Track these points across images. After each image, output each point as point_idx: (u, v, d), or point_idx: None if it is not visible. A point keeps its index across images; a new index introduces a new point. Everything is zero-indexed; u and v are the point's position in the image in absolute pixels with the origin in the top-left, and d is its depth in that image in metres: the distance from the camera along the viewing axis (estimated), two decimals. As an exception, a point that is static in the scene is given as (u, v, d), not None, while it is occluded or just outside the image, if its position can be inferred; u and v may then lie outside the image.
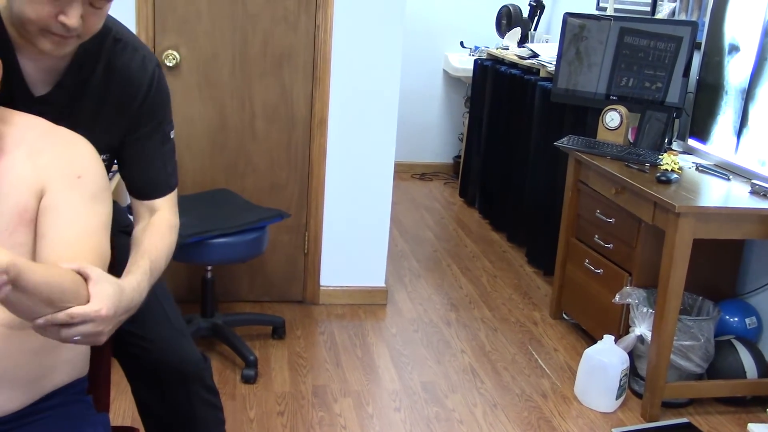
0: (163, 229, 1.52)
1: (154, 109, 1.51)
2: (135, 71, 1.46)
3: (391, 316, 3.47)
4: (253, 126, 3.29)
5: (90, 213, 1.29)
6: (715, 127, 3.10)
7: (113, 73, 1.44)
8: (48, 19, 1.24)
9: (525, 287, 3.90)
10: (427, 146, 6.04)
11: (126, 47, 1.46)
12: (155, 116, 1.52)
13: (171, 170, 1.58)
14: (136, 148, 1.51)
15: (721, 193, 2.80)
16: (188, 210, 2.88)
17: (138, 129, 1.50)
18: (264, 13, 3.18)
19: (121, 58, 1.45)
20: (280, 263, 3.46)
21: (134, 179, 1.54)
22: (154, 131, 1.53)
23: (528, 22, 5.11)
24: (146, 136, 1.51)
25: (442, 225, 4.84)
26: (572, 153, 3.28)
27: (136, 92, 1.47)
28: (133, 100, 1.47)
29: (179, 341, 1.73)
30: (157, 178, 1.55)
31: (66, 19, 1.24)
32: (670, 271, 2.59)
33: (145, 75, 1.48)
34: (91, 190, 1.31)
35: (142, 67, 1.47)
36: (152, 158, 1.54)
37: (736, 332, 2.91)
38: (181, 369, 1.73)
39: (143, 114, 1.49)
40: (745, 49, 2.94)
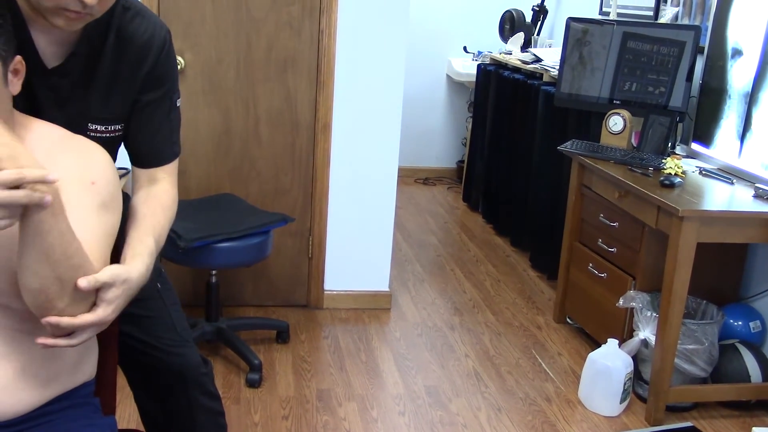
0: (166, 203, 1.51)
1: (164, 74, 1.52)
2: (146, 37, 1.47)
3: (395, 320, 3.48)
4: (257, 131, 3.30)
5: (97, 220, 1.29)
6: (718, 131, 3.10)
7: (124, 41, 1.44)
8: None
9: (529, 291, 3.90)
10: (431, 151, 6.05)
11: (136, 15, 1.47)
12: (164, 82, 1.53)
13: (176, 139, 1.59)
14: (144, 115, 1.51)
15: (724, 197, 2.80)
16: (193, 214, 2.90)
17: (147, 94, 1.50)
18: (268, 19, 3.19)
19: (131, 25, 1.45)
20: (284, 268, 3.46)
21: (139, 147, 1.53)
22: (163, 98, 1.54)
23: (531, 27, 5.12)
24: (155, 103, 1.52)
25: (445, 230, 4.85)
26: (576, 157, 3.28)
27: (146, 56, 1.47)
28: (144, 63, 1.47)
29: (182, 348, 1.74)
30: (162, 146, 1.56)
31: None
32: (674, 275, 2.59)
33: (155, 40, 1.48)
34: (102, 197, 1.31)
35: (152, 32, 1.48)
36: (159, 126, 1.54)
37: (740, 336, 2.91)
38: (182, 376, 1.74)
39: (153, 79, 1.50)
40: (749, 53, 2.94)
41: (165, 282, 1.76)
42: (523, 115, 4.33)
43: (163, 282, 1.75)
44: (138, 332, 1.68)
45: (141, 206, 1.47)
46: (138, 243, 1.36)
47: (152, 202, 1.48)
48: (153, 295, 1.71)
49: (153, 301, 1.71)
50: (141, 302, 1.67)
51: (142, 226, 1.41)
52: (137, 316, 1.66)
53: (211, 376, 1.84)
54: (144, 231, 1.40)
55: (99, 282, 1.20)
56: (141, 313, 1.68)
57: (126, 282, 1.26)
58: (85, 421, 1.36)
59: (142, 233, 1.39)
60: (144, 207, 1.46)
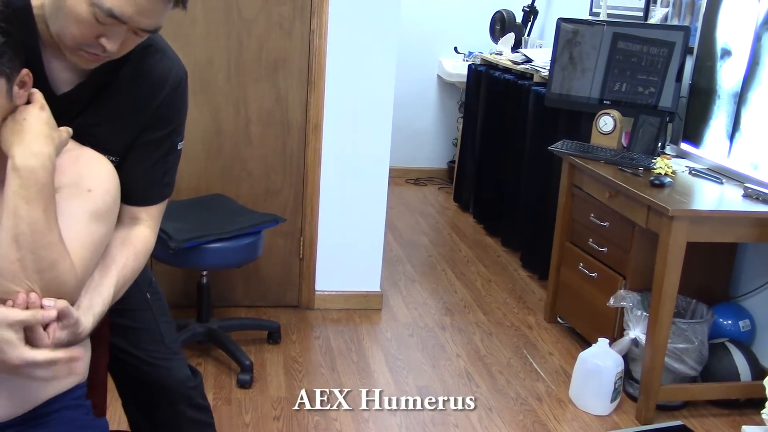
0: (141, 251, 1.46)
1: (171, 114, 1.48)
2: (160, 73, 1.44)
3: (387, 320, 3.48)
4: (248, 131, 3.30)
5: (86, 228, 1.28)
6: (707, 131, 3.12)
7: (139, 76, 1.41)
8: (89, 39, 1.24)
9: (520, 291, 3.91)
10: (422, 151, 6.06)
11: (156, 52, 1.44)
12: (170, 122, 1.49)
13: (168, 181, 1.54)
14: (141, 152, 1.47)
15: (714, 197, 2.82)
16: (183, 215, 2.89)
17: (150, 132, 1.46)
18: (259, 19, 3.19)
19: (149, 60, 1.42)
20: (276, 268, 3.46)
21: (128, 183, 1.46)
22: (165, 139, 1.49)
23: (522, 28, 5.13)
24: (155, 143, 1.48)
25: (436, 230, 4.85)
26: (566, 157, 3.29)
27: (158, 93, 1.44)
28: (154, 100, 1.44)
29: (169, 362, 1.73)
30: (152, 186, 1.51)
31: (107, 42, 1.24)
32: (664, 275, 2.61)
33: (170, 78, 1.45)
34: (96, 206, 1.30)
35: (168, 70, 1.45)
36: (153, 166, 1.50)
37: (729, 335, 2.93)
38: (170, 389, 1.73)
39: (160, 117, 1.46)
40: (737, 54, 2.96)
41: (155, 292, 1.74)
42: (514, 115, 4.34)
43: (153, 292, 1.73)
44: (125, 344, 1.67)
45: (115, 249, 1.41)
46: (97, 295, 1.32)
47: (127, 249, 1.42)
48: (142, 306, 1.70)
49: (142, 312, 1.70)
50: (129, 313, 1.67)
51: (108, 274, 1.36)
52: (125, 327, 1.65)
53: (200, 388, 1.81)
54: (108, 280, 1.35)
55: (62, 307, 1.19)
56: (129, 324, 1.67)
57: (74, 328, 1.22)
58: (78, 423, 1.35)
59: (106, 283, 1.35)
60: (117, 252, 1.41)
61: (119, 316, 1.62)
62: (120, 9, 1.20)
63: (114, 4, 1.19)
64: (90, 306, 1.29)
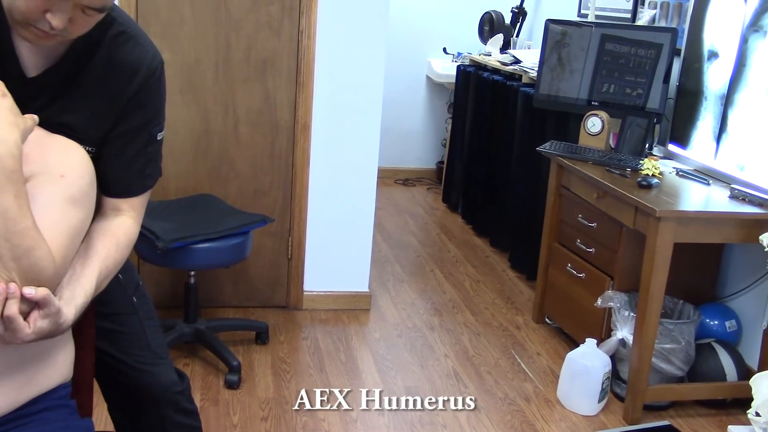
0: (123, 242, 1.44)
1: (147, 103, 1.45)
2: (134, 62, 1.41)
3: (375, 321, 3.48)
4: (236, 131, 3.29)
5: (62, 214, 1.27)
6: (695, 133, 3.13)
7: (111, 64, 1.39)
8: (35, 14, 1.22)
9: (508, 292, 3.91)
10: (411, 152, 6.06)
11: (129, 39, 1.41)
12: (146, 112, 1.46)
13: (150, 171, 1.52)
14: (118, 143, 1.44)
15: (701, 198, 2.83)
16: (171, 215, 2.88)
17: (125, 122, 1.43)
18: (248, 19, 3.18)
19: (122, 48, 1.40)
20: (264, 268, 3.45)
21: (108, 175, 1.45)
22: (141, 129, 1.47)
23: (510, 29, 5.14)
24: (131, 133, 1.45)
25: (425, 230, 4.86)
26: (554, 158, 3.30)
27: (130, 81, 1.41)
28: (127, 89, 1.41)
29: (156, 366, 1.71)
30: (132, 178, 1.49)
31: (53, 18, 1.22)
32: (651, 275, 2.62)
33: (143, 66, 1.42)
34: (71, 191, 1.29)
35: (142, 58, 1.42)
36: (132, 157, 1.47)
37: (716, 335, 2.94)
38: (155, 394, 1.71)
39: (134, 106, 1.43)
40: (724, 56, 2.98)
41: (142, 296, 1.73)
42: (503, 116, 4.35)
43: (140, 296, 1.72)
44: (111, 348, 1.65)
45: (96, 240, 1.39)
46: (78, 286, 1.30)
47: (109, 240, 1.41)
48: (128, 309, 1.68)
49: (128, 316, 1.68)
50: (115, 317, 1.65)
51: (90, 264, 1.35)
52: (111, 331, 1.64)
53: (186, 392, 1.80)
54: (90, 271, 1.34)
55: (43, 295, 1.18)
56: (115, 328, 1.65)
57: (56, 317, 1.22)
58: (62, 423, 1.34)
59: (88, 273, 1.33)
60: (99, 242, 1.39)
61: (105, 319, 1.61)
62: None
63: None
64: (72, 297, 1.28)
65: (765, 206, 2.65)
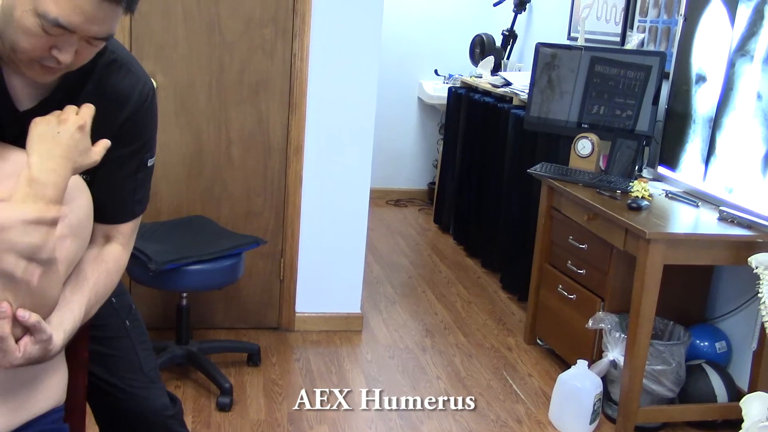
0: (113, 269, 1.45)
1: (138, 131, 1.46)
2: (125, 89, 1.42)
3: (367, 342, 3.48)
4: (229, 153, 3.30)
5: (58, 244, 1.26)
6: (683, 155, 3.16)
7: (103, 92, 1.39)
8: (41, 51, 1.22)
9: (499, 313, 3.92)
10: (402, 173, 6.08)
11: (121, 67, 1.41)
12: (137, 139, 1.46)
13: (139, 198, 1.52)
14: (109, 170, 1.43)
15: (690, 220, 2.86)
16: (164, 237, 2.89)
17: (117, 149, 1.42)
18: (241, 41, 3.20)
19: (113, 77, 1.40)
20: (256, 290, 3.45)
21: (98, 201, 1.43)
22: (132, 155, 1.47)
23: (501, 51, 5.19)
24: (122, 159, 1.45)
25: (417, 251, 4.87)
26: (545, 180, 3.33)
27: (122, 109, 1.42)
28: (118, 116, 1.42)
29: (147, 391, 1.71)
30: (122, 203, 1.49)
31: (59, 54, 1.22)
32: (641, 297, 2.63)
33: (134, 94, 1.43)
34: (68, 220, 1.29)
35: (133, 86, 1.43)
36: (123, 182, 1.48)
37: (706, 356, 2.95)
38: (147, 418, 1.71)
39: (126, 134, 1.44)
40: (712, 79, 3.02)
41: (135, 319, 1.72)
42: (494, 137, 4.38)
43: (132, 319, 1.71)
44: (103, 372, 1.66)
45: (87, 267, 1.40)
46: (68, 311, 1.31)
47: (99, 266, 1.42)
48: (121, 333, 1.68)
49: (120, 339, 1.68)
50: (108, 340, 1.65)
51: (80, 291, 1.35)
52: (103, 354, 1.64)
53: (179, 416, 1.79)
54: (80, 297, 1.35)
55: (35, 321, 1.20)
56: (107, 352, 1.65)
57: (46, 344, 1.23)
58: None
59: (77, 299, 1.34)
60: (89, 269, 1.40)
61: (97, 343, 1.61)
62: (66, 18, 1.18)
63: (59, 14, 1.17)
64: (60, 323, 1.28)
65: (753, 228, 2.68)
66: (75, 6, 1.18)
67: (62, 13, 1.18)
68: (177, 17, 3.13)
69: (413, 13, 5.78)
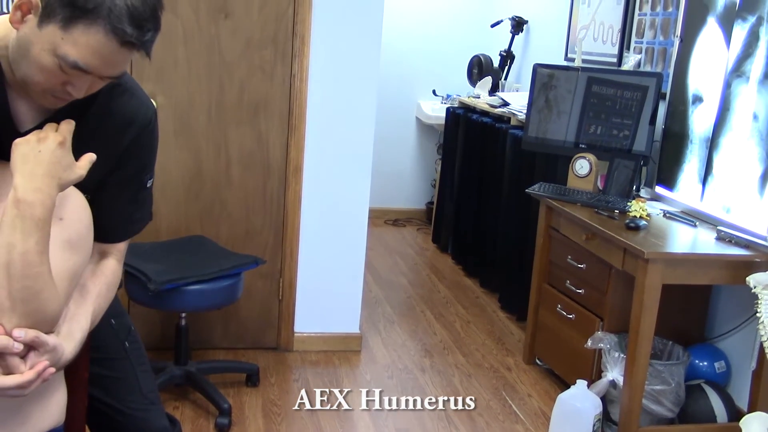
0: (112, 282, 1.50)
1: (139, 153, 1.49)
2: (129, 114, 1.45)
3: (366, 362, 3.47)
4: (228, 173, 3.31)
5: (60, 258, 1.29)
6: (681, 175, 3.18)
7: (106, 115, 1.42)
8: (55, 86, 1.26)
9: (498, 333, 3.92)
10: (401, 192, 6.10)
11: (124, 92, 1.44)
12: (138, 161, 1.50)
13: (138, 217, 1.56)
14: (109, 191, 1.48)
15: (688, 240, 2.87)
16: (163, 256, 2.89)
17: (118, 171, 1.47)
18: (241, 62, 3.22)
19: (117, 100, 1.43)
20: (255, 309, 3.45)
21: (98, 220, 1.46)
22: (133, 178, 1.51)
23: (498, 72, 5.23)
24: (123, 182, 1.49)
25: (415, 271, 4.87)
26: (543, 200, 3.34)
27: (125, 134, 1.45)
28: (121, 139, 1.45)
29: (146, 412, 1.72)
30: (121, 224, 1.53)
31: (73, 89, 1.26)
32: (640, 316, 2.63)
33: (138, 119, 1.46)
34: (68, 234, 1.32)
35: (136, 111, 1.46)
36: (122, 203, 1.51)
37: (705, 376, 2.95)
38: None
39: (128, 156, 1.47)
40: (708, 100, 3.04)
41: (134, 341, 1.73)
42: (492, 157, 4.40)
43: (132, 341, 1.72)
44: (102, 394, 1.66)
45: (88, 281, 1.44)
46: (75, 323, 1.36)
47: (100, 279, 1.47)
48: (120, 354, 1.69)
49: (120, 361, 1.69)
50: (107, 362, 1.66)
51: (84, 304, 1.40)
52: (102, 376, 1.65)
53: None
54: (85, 309, 1.40)
55: (32, 337, 1.23)
56: (107, 373, 1.66)
57: (53, 354, 1.27)
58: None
59: (83, 312, 1.39)
60: (91, 283, 1.45)
61: (96, 365, 1.61)
62: (85, 61, 1.22)
63: (79, 57, 1.21)
64: (69, 332, 1.33)
65: (751, 248, 2.69)
66: (94, 51, 1.22)
67: (81, 57, 1.22)
68: (177, 38, 3.16)
69: (411, 33, 5.82)
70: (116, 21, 1.20)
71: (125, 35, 1.21)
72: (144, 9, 1.23)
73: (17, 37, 1.25)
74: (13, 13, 1.24)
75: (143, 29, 1.23)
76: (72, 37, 1.20)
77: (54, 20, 1.20)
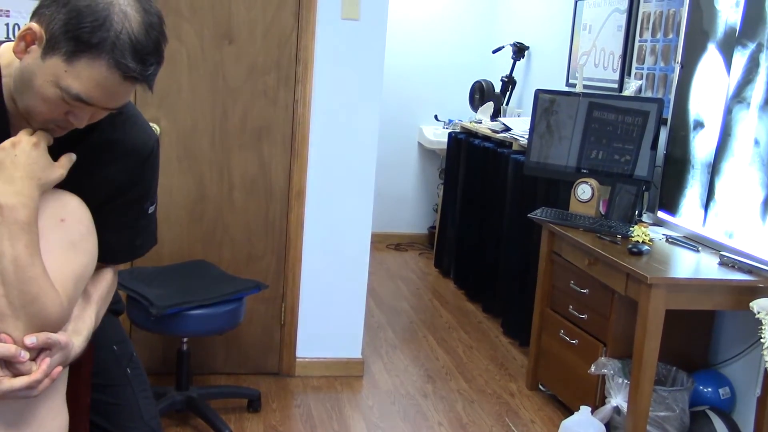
0: (111, 285, 1.55)
1: (141, 181, 1.50)
2: (130, 141, 1.46)
3: (368, 388, 3.45)
4: (231, 197, 3.32)
5: (65, 259, 1.31)
6: (683, 200, 3.18)
7: (108, 143, 1.43)
8: (57, 116, 1.27)
9: (501, 358, 3.90)
10: (403, 217, 6.10)
11: (126, 120, 1.45)
12: (140, 189, 1.51)
13: (140, 243, 1.57)
14: (112, 216, 1.48)
15: (691, 265, 2.86)
16: (165, 281, 2.89)
17: (119, 198, 1.48)
18: (244, 88, 3.24)
19: (119, 129, 1.44)
20: (256, 334, 3.44)
21: (99, 245, 1.46)
22: (133, 204, 1.51)
23: (500, 97, 5.25)
24: (123, 208, 1.50)
25: (417, 296, 4.86)
26: (546, 225, 3.34)
27: (126, 162, 1.46)
28: (124, 167, 1.46)
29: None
30: (121, 248, 1.54)
31: (75, 120, 1.27)
32: (644, 342, 2.62)
33: (139, 148, 1.47)
34: (71, 236, 1.33)
35: (138, 140, 1.47)
36: (123, 229, 1.52)
37: (710, 403, 2.93)
38: None
39: (129, 184, 1.48)
40: (709, 125, 3.05)
41: (136, 367, 1.73)
42: (494, 182, 4.40)
43: (133, 367, 1.72)
44: (103, 421, 1.65)
45: (89, 286, 1.46)
46: (81, 322, 1.39)
47: (101, 283, 1.50)
48: (122, 381, 1.69)
49: (122, 387, 1.68)
50: (108, 389, 1.65)
51: (88, 305, 1.44)
52: (104, 403, 1.64)
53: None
54: (90, 310, 1.43)
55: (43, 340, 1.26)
56: (108, 400, 1.65)
57: (65, 351, 1.31)
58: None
59: (88, 313, 1.43)
60: (92, 287, 1.47)
61: (98, 392, 1.61)
62: (87, 94, 1.23)
63: (81, 90, 1.22)
64: (76, 329, 1.37)
65: (754, 273, 2.68)
66: (98, 84, 1.23)
67: (84, 89, 1.23)
68: (181, 63, 3.18)
69: (414, 59, 5.86)
70: (119, 56, 1.21)
71: (128, 70, 1.22)
72: (147, 43, 1.23)
73: (20, 66, 1.26)
74: (17, 43, 1.25)
75: (146, 64, 1.24)
76: (75, 70, 1.21)
77: (58, 53, 1.21)
